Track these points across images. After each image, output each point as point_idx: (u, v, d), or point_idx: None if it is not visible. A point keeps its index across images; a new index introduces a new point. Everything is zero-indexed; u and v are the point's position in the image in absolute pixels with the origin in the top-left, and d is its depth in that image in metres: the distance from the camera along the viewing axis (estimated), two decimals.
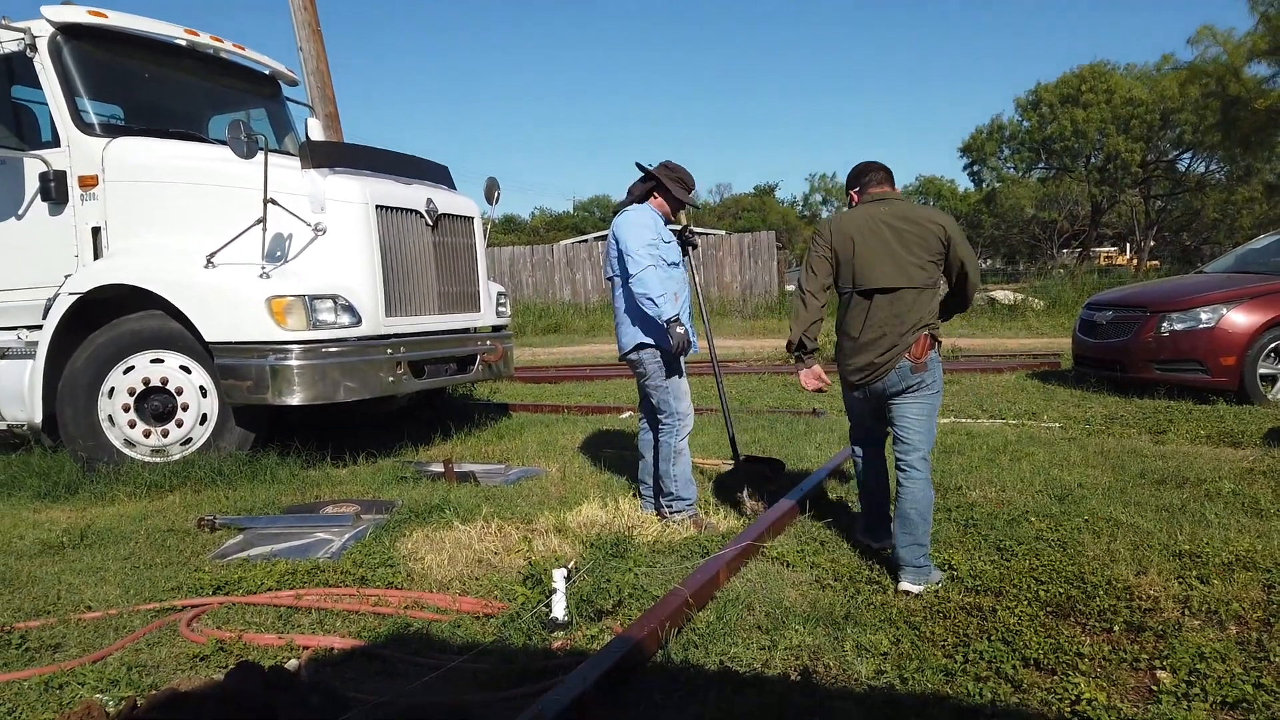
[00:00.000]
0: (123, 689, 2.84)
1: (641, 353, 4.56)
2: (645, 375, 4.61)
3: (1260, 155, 29.23)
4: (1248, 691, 2.59)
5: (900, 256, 3.74)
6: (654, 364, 4.57)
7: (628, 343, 4.60)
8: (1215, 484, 4.98)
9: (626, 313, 4.59)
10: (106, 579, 3.99)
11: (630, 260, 4.38)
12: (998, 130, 45.99)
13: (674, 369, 4.60)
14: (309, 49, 10.32)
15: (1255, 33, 24.81)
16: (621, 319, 4.64)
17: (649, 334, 4.53)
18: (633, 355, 4.60)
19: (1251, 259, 9.60)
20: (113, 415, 5.89)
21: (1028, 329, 17.79)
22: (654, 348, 4.54)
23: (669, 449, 4.60)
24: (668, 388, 4.58)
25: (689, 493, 4.63)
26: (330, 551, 4.26)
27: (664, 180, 4.62)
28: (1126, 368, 8.62)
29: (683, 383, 4.65)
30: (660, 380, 4.57)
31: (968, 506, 4.68)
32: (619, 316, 4.67)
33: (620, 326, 4.66)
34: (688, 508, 4.62)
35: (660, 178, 4.63)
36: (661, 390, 4.58)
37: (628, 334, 4.60)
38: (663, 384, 4.58)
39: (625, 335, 4.62)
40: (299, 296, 5.71)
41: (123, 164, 6.05)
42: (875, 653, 2.96)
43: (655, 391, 4.61)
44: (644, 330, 4.53)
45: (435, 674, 2.87)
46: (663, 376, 4.57)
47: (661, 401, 4.61)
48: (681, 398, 4.62)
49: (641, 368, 4.60)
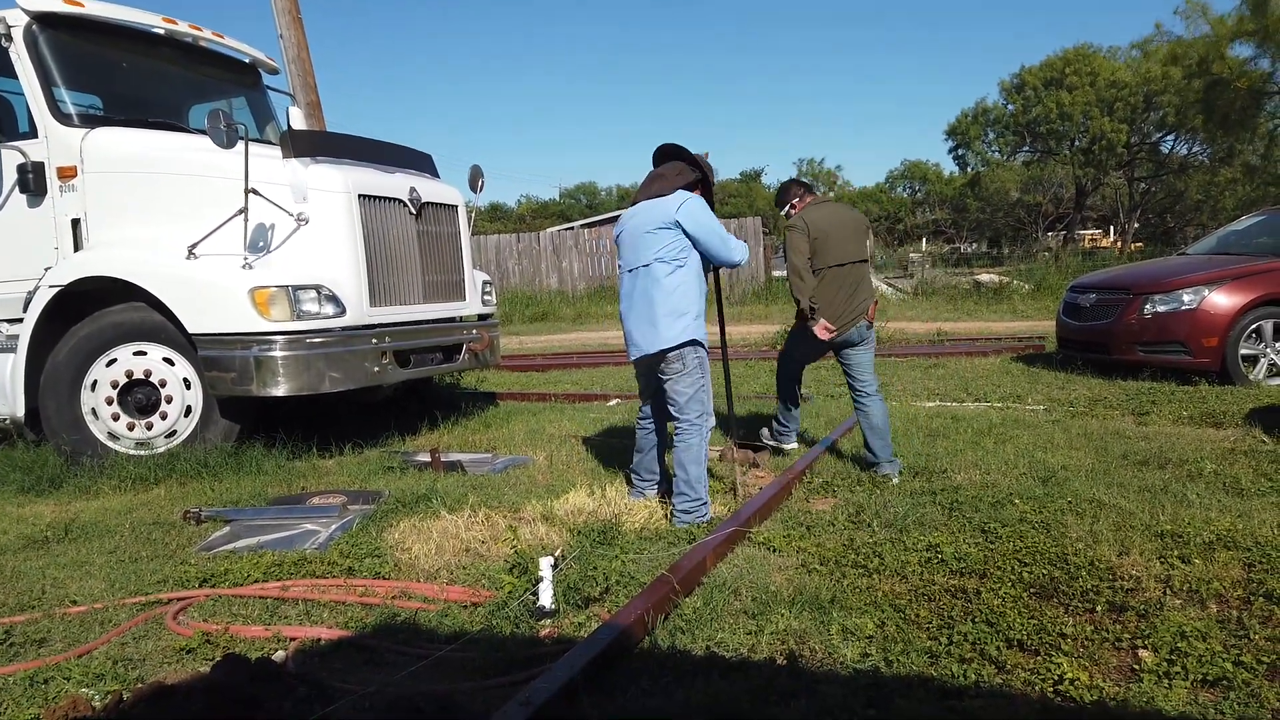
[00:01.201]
0: (109, 683, 2.83)
1: (686, 350, 4.26)
2: (684, 371, 4.29)
3: (1242, 136, 29.37)
4: (1228, 669, 2.62)
5: (860, 239, 5.19)
6: (695, 360, 4.31)
7: (674, 337, 4.24)
8: (1197, 464, 5.03)
9: (667, 304, 4.24)
10: (91, 573, 3.97)
11: (726, 240, 4.34)
12: (982, 114, 46.07)
13: (707, 364, 4.39)
14: (290, 36, 10.24)
15: (1240, 13, 24.91)
16: (661, 311, 4.24)
17: (698, 330, 4.29)
18: (675, 351, 4.26)
19: (1233, 240, 9.67)
20: (96, 408, 5.85)
21: (1013, 312, 17.86)
22: (698, 344, 4.30)
23: (698, 451, 4.31)
24: (705, 385, 4.35)
25: (708, 495, 4.40)
26: (317, 542, 4.25)
27: (709, 178, 4.54)
28: (1110, 350, 8.68)
29: (709, 377, 4.43)
30: (698, 378, 4.32)
31: (953, 489, 4.71)
32: (654, 309, 4.26)
33: (658, 320, 4.25)
34: (710, 508, 4.37)
35: (707, 175, 4.53)
36: (700, 389, 4.33)
37: (673, 327, 4.23)
38: (701, 381, 4.33)
39: (669, 329, 4.24)
40: (282, 287, 5.67)
41: (101, 155, 5.99)
42: (861, 636, 2.97)
43: (691, 389, 4.31)
44: (694, 325, 4.27)
45: (423, 663, 2.88)
46: (701, 375, 4.33)
47: (694, 400, 4.32)
48: (710, 392, 4.42)
49: (682, 363, 4.28)
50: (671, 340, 4.24)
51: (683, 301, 4.24)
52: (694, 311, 4.28)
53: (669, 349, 4.26)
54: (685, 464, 4.30)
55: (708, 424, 4.36)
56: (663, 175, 4.42)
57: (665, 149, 4.59)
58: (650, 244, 4.28)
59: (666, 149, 4.58)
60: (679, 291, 4.24)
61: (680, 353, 4.26)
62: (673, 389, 4.35)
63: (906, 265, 32.67)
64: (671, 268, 4.24)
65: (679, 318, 4.23)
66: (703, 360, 4.34)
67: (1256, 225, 9.77)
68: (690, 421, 4.32)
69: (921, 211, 60.52)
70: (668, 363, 4.30)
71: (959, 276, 24.49)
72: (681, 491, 4.31)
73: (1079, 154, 42.16)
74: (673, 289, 4.24)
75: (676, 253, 4.25)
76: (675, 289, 4.24)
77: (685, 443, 4.32)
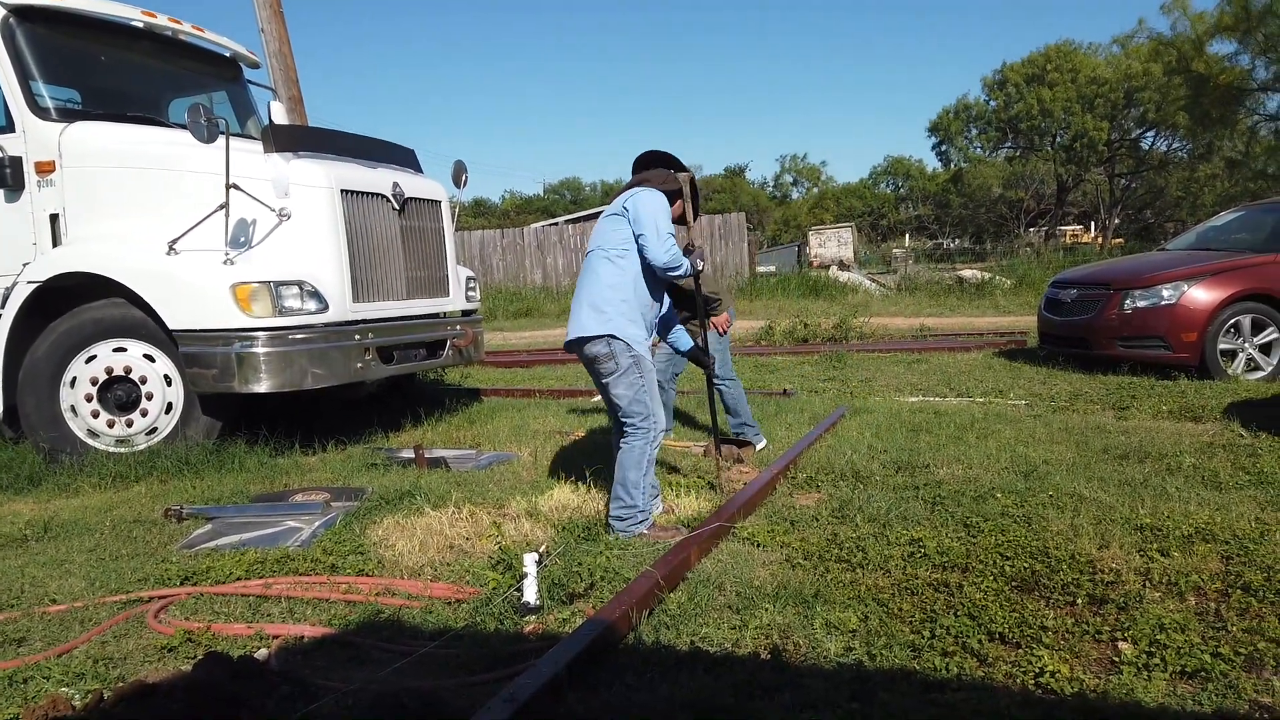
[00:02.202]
0: (89, 682, 2.81)
1: (616, 347, 4.02)
2: (618, 372, 4.05)
3: (1221, 132, 29.63)
4: (1206, 661, 2.65)
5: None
6: (630, 360, 4.05)
7: (591, 327, 4.03)
8: (1176, 458, 5.08)
9: (595, 294, 4.07)
10: (71, 571, 3.93)
11: (662, 238, 4.00)
12: (965, 110, 46.40)
13: (648, 364, 4.14)
14: (271, 30, 10.17)
15: (1221, 9, 25.11)
16: (586, 300, 4.09)
17: (620, 328, 4.02)
18: (599, 344, 4.03)
19: (1212, 236, 9.76)
20: (75, 405, 5.80)
21: (995, 307, 17.97)
22: (626, 345, 4.03)
23: (640, 455, 4.08)
24: (645, 387, 4.09)
25: (650, 505, 4.17)
26: (300, 540, 4.23)
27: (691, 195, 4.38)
28: (1091, 345, 8.75)
29: (654, 378, 4.22)
30: (635, 379, 4.06)
31: (935, 484, 4.74)
32: (582, 296, 4.13)
33: (583, 307, 4.10)
34: (648, 520, 4.14)
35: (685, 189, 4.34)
36: (640, 391, 4.08)
37: (593, 318, 4.04)
38: (640, 383, 4.07)
39: (590, 319, 4.05)
40: (264, 283, 5.64)
41: (80, 149, 5.92)
42: (844, 630, 2.99)
43: (630, 392, 4.07)
44: (615, 321, 4.02)
45: (407, 660, 2.87)
46: (639, 376, 4.07)
47: (635, 403, 4.08)
48: (656, 395, 4.18)
49: (615, 363, 4.04)
50: (587, 330, 4.05)
51: (611, 295, 4.05)
52: (619, 308, 4.05)
53: (585, 337, 4.06)
54: (625, 466, 4.10)
55: (654, 428, 4.13)
56: (648, 179, 4.31)
57: (649, 156, 4.47)
58: (601, 231, 4.20)
59: (651, 156, 4.47)
60: (609, 285, 4.07)
61: (609, 349, 4.04)
62: (613, 392, 4.13)
63: (890, 261, 32.80)
64: (608, 259, 4.10)
65: (600, 310, 4.04)
66: (639, 361, 4.07)
67: (1235, 221, 9.87)
68: (634, 425, 4.11)
69: (905, 207, 60.86)
70: (598, 361, 4.09)
71: (942, 272, 24.64)
72: (617, 496, 4.11)
73: (1060, 150, 42.49)
74: (604, 280, 4.08)
75: (618, 242, 4.10)
76: (607, 281, 4.08)
77: (628, 445, 4.13)
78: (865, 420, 6.63)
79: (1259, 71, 26.05)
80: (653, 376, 4.17)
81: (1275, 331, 7.99)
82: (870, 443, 5.84)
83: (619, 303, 4.05)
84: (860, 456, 5.41)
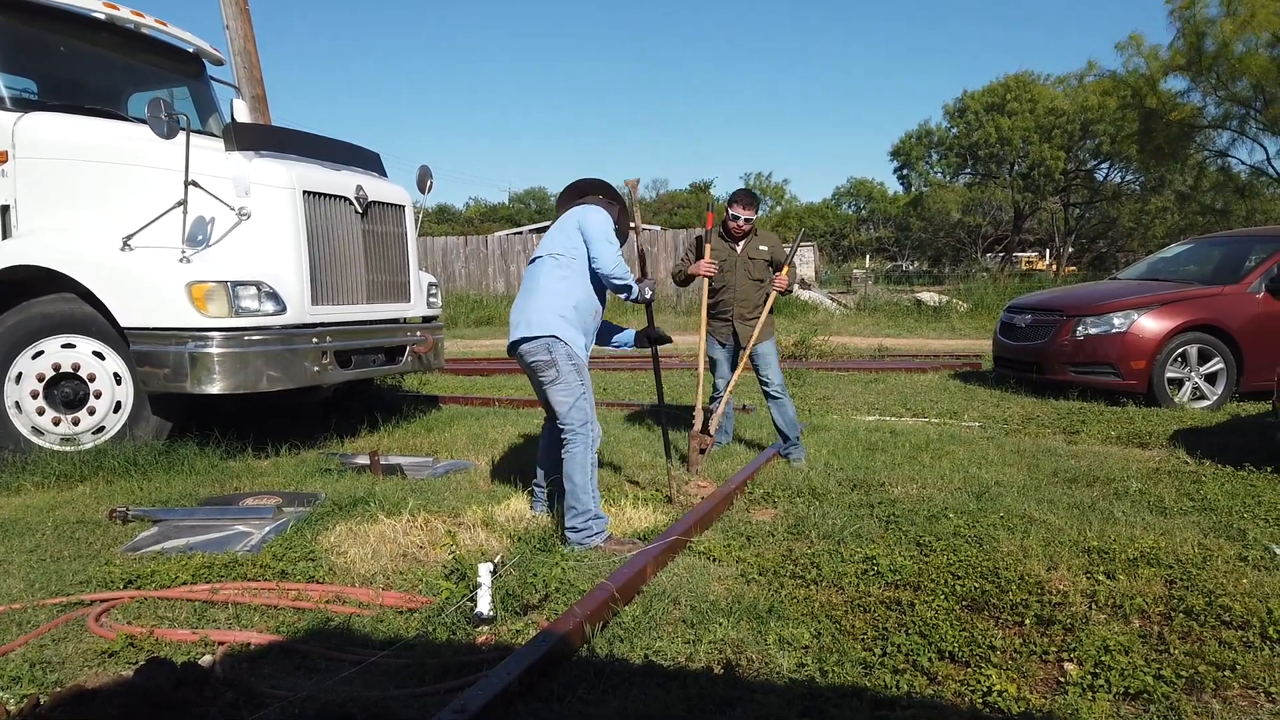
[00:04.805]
0: (25, 686, 2.73)
1: (556, 351, 4.14)
2: (558, 378, 4.16)
3: (1173, 166, 30.42)
4: (1149, 683, 2.70)
5: None
6: (570, 367, 4.16)
7: (534, 327, 4.15)
8: (1123, 483, 5.18)
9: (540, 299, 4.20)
10: (10, 572, 3.83)
11: (611, 253, 4.25)
12: (926, 135, 47.13)
13: (585, 372, 4.25)
14: (236, 27, 10.03)
15: (1175, 47, 25.83)
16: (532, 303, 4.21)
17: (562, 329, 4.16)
18: (538, 346, 4.15)
19: (1162, 266, 10.01)
20: (20, 402, 5.65)
21: (951, 330, 18.24)
22: (569, 349, 4.16)
23: (583, 459, 4.15)
24: (584, 394, 4.20)
25: (600, 510, 4.20)
26: (249, 545, 4.16)
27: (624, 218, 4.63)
28: (1043, 369, 8.91)
29: (591, 385, 4.31)
30: (575, 384, 4.17)
31: (890, 502, 4.78)
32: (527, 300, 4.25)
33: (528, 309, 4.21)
34: (604, 533, 4.12)
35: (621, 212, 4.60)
36: (580, 397, 4.17)
37: (535, 322, 4.16)
38: (580, 390, 4.18)
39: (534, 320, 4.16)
40: (221, 282, 5.55)
41: (35, 141, 5.80)
42: (797, 646, 3.00)
43: (570, 398, 4.16)
44: (556, 323, 4.15)
45: (356, 669, 2.83)
46: (578, 381, 4.19)
47: (575, 409, 4.16)
48: (593, 402, 4.28)
49: (556, 370, 4.15)
50: (530, 330, 4.16)
51: (555, 301, 4.19)
52: (564, 313, 4.18)
53: (526, 338, 4.18)
54: (571, 474, 4.14)
55: (592, 432, 4.21)
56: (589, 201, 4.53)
57: (585, 183, 4.67)
58: (549, 239, 4.37)
59: (587, 183, 4.67)
60: (554, 292, 4.21)
61: (549, 355, 4.15)
62: (552, 398, 4.22)
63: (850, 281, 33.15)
64: (556, 265, 4.25)
65: (542, 313, 4.17)
66: (579, 367, 4.20)
67: (1185, 253, 10.14)
68: (574, 430, 4.17)
69: (866, 229, 61.61)
70: (538, 367, 4.20)
71: (900, 294, 24.96)
72: (570, 505, 4.11)
73: (1018, 178, 43.32)
74: (550, 286, 4.23)
75: (566, 249, 4.27)
76: (552, 287, 4.22)
77: (570, 452, 4.17)
78: (822, 438, 6.68)
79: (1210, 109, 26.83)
80: (590, 384, 4.31)
81: (1220, 362, 8.20)
82: (827, 460, 5.89)
83: (566, 308, 4.21)
84: (817, 474, 5.45)
